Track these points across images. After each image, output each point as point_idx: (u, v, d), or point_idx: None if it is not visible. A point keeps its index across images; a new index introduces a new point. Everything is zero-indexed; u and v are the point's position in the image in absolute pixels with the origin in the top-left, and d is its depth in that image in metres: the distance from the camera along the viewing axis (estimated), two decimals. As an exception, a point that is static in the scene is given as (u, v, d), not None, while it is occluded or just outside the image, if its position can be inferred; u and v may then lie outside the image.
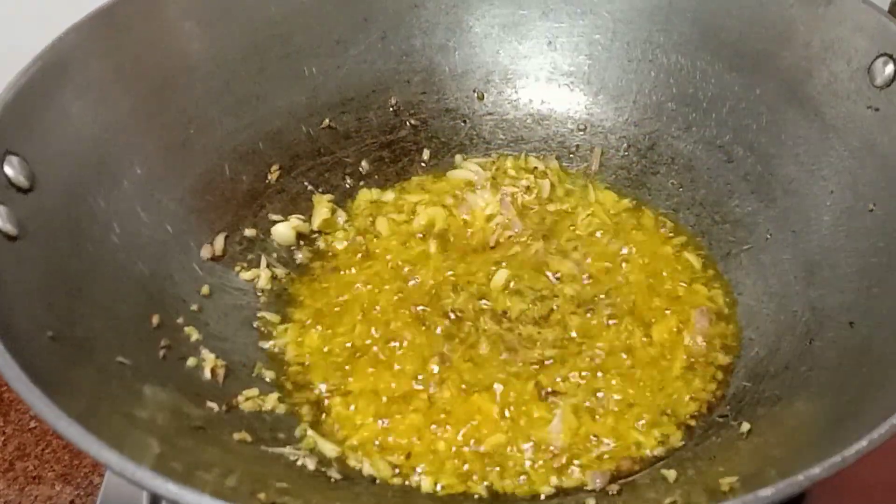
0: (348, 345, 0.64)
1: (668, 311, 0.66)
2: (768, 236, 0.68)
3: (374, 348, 0.64)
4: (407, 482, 0.57)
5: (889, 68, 0.60)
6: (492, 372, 0.62)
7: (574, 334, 0.64)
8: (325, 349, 0.64)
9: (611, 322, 0.65)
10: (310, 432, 0.59)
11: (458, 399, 0.61)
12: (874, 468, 0.50)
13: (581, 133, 0.77)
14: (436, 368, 0.62)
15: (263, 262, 0.69)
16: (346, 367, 0.63)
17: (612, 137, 0.76)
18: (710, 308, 0.65)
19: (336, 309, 0.67)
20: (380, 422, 0.60)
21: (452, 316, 0.65)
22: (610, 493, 0.56)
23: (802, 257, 0.64)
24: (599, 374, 0.62)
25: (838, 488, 0.59)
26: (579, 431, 0.59)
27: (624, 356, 0.63)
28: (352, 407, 0.61)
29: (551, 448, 0.58)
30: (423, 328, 0.65)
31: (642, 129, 0.75)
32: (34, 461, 0.72)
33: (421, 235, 0.72)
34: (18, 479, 0.71)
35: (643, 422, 0.60)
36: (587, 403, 0.60)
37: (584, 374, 0.62)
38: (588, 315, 0.66)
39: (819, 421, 0.53)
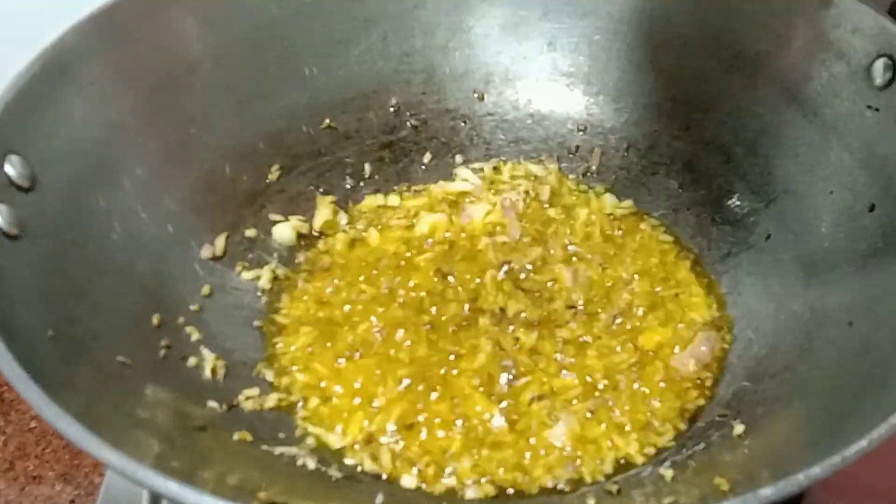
0: (349, 344, 0.64)
1: (665, 319, 0.66)
2: (768, 236, 0.68)
3: (374, 348, 0.64)
4: (407, 481, 0.57)
5: (889, 69, 0.61)
6: (490, 373, 0.62)
7: (572, 338, 0.64)
8: (325, 349, 0.64)
9: (610, 326, 0.65)
10: (310, 429, 0.59)
11: (457, 399, 0.61)
12: (874, 468, 0.50)
13: (581, 133, 0.77)
14: (435, 368, 0.62)
15: (271, 264, 0.69)
16: (346, 367, 0.63)
17: (612, 138, 0.77)
18: (716, 336, 0.65)
19: (336, 309, 0.67)
20: (378, 420, 0.60)
21: (451, 317, 0.66)
22: (609, 492, 0.56)
23: (802, 257, 0.64)
24: (598, 377, 0.62)
25: (838, 488, 0.59)
26: (582, 434, 0.59)
27: (622, 359, 0.63)
28: (351, 406, 0.61)
29: (552, 442, 0.58)
30: (422, 330, 0.65)
31: (642, 130, 0.76)
32: (34, 461, 0.72)
33: (422, 241, 0.72)
34: (18, 478, 0.71)
35: (642, 422, 0.60)
36: (587, 406, 0.60)
37: (582, 377, 0.62)
38: (586, 319, 0.66)
39: (819, 421, 0.53)
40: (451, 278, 0.68)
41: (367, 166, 0.76)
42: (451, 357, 0.63)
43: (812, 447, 0.49)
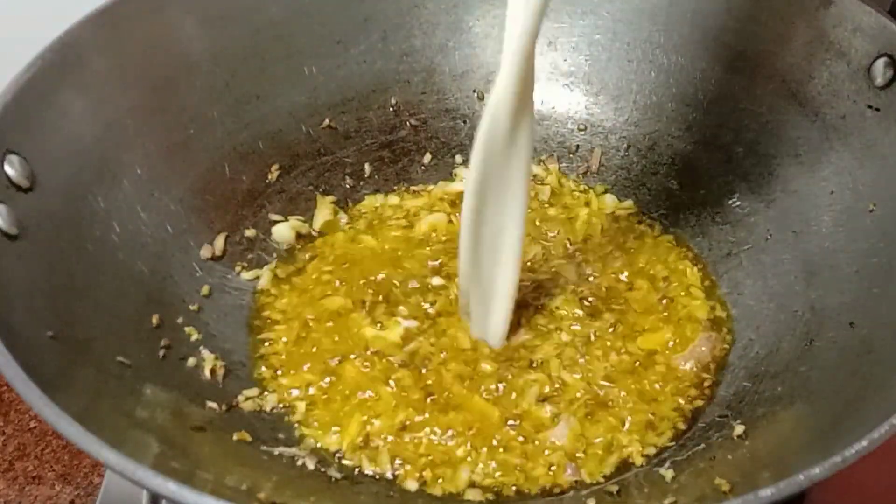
0: (348, 344, 0.64)
1: (665, 319, 0.66)
2: (768, 236, 0.68)
3: (373, 349, 0.64)
4: (406, 481, 0.57)
5: (889, 69, 0.61)
6: (490, 373, 0.62)
7: (573, 339, 0.64)
8: (323, 349, 0.64)
9: (610, 326, 0.65)
10: (307, 431, 0.59)
11: (457, 400, 0.61)
12: (874, 468, 0.50)
13: (581, 133, 0.77)
14: (434, 370, 0.62)
15: (271, 264, 0.69)
16: (344, 368, 0.63)
17: (612, 137, 0.76)
18: (717, 336, 0.65)
19: (335, 310, 0.67)
20: (376, 422, 0.60)
21: (450, 317, 0.65)
22: (609, 492, 0.56)
23: (802, 257, 0.64)
24: (599, 377, 0.62)
25: (838, 488, 0.59)
26: (582, 434, 0.59)
27: (622, 360, 0.63)
28: (349, 407, 0.61)
29: (553, 443, 0.58)
30: (421, 330, 0.65)
31: (642, 130, 0.76)
32: (34, 461, 0.72)
33: (422, 241, 0.72)
34: (18, 479, 0.71)
35: (643, 423, 0.60)
36: (588, 406, 0.60)
37: (583, 378, 0.62)
38: (587, 320, 0.65)
39: (818, 421, 0.53)
40: (450, 278, 0.68)
41: (366, 166, 0.76)
42: (450, 360, 0.63)
43: (812, 447, 0.49)
